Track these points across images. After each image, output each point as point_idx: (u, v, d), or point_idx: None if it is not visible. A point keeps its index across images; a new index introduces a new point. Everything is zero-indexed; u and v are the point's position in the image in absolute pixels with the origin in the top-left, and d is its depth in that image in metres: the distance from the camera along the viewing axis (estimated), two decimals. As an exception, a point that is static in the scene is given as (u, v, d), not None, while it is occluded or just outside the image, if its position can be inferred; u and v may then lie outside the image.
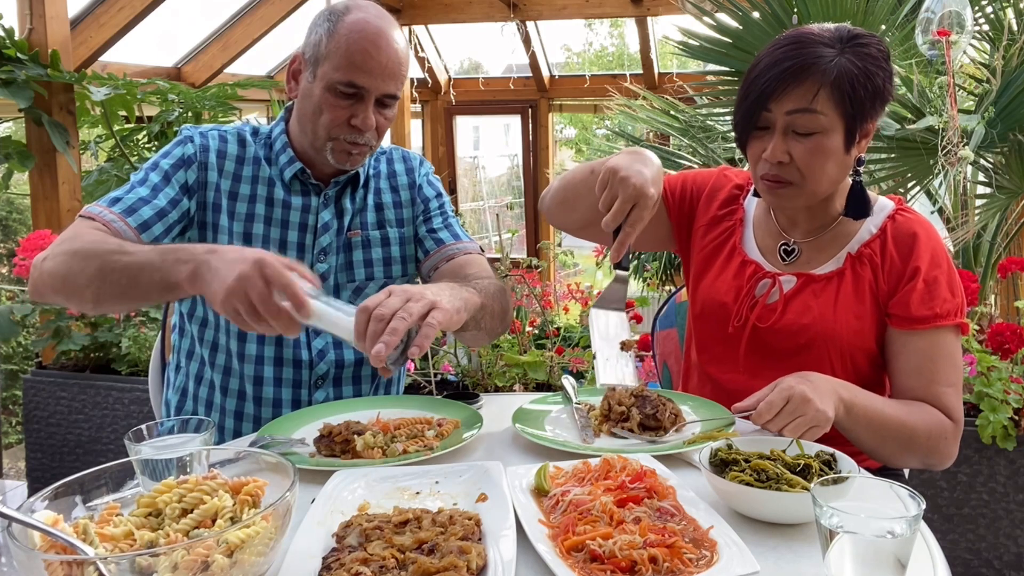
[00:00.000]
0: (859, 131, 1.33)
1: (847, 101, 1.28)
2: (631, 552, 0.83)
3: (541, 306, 3.20)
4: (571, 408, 1.38)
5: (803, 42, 1.31)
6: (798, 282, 1.42)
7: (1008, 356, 2.28)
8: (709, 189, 1.59)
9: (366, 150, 1.52)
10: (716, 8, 3.12)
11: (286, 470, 0.91)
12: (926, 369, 1.33)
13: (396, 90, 1.48)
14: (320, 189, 1.58)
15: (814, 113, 1.28)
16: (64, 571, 0.75)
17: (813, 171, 1.32)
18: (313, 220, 1.57)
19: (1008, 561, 2.27)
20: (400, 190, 1.68)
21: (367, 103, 1.46)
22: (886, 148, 2.78)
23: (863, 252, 1.39)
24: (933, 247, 1.37)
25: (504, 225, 7.95)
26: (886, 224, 1.40)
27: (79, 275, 1.28)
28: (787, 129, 1.31)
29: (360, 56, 1.43)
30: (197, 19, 5.31)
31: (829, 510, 0.78)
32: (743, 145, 1.40)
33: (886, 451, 1.31)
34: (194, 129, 1.58)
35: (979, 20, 2.91)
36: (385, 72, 1.45)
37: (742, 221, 1.53)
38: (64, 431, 3.18)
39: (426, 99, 6.97)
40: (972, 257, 2.96)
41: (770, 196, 1.39)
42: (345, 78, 1.43)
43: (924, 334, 1.33)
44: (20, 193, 5.15)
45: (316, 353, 1.56)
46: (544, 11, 5.97)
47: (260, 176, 1.56)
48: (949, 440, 1.31)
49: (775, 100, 1.30)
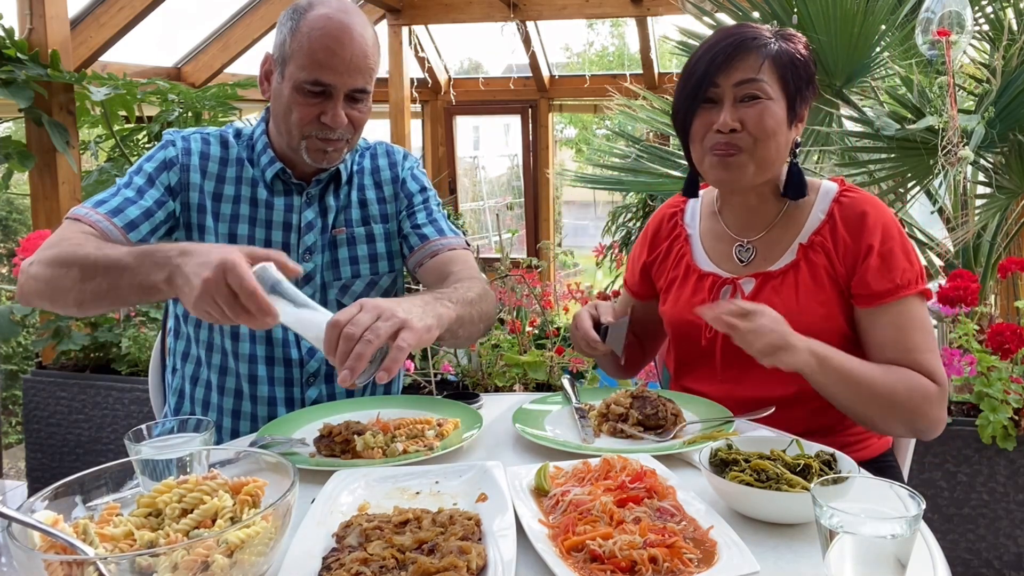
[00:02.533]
0: (798, 110, 1.39)
1: (788, 76, 1.36)
2: (631, 552, 0.83)
3: (541, 306, 3.20)
4: (571, 408, 1.38)
5: (741, 27, 1.40)
6: (757, 282, 1.44)
7: (1008, 356, 2.27)
8: (650, 238, 1.65)
9: (342, 146, 1.51)
10: (716, 8, 3.12)
11: (286, 470, 0.91)
12: (899, 339, 1.34)
13: (364, 84, 1.47)
14: (302, 188, 1.59)
15: (761, 83, 1.34)
16: (64, 571, 0.75)
17: (765, 135, 1.35)
18: (296, 219, 1.58)
19: (1008, 561, 2.27)
20: (383, 185, 1.67)
21: (336, 100, 1.45)
22: (886, 148, 2.78)
23: (814, 240, 1.41)
24: (883, 221, 1.38)
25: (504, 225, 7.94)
26: (832, 208, 1.41)
27: (61, 280, 1.29)
28: (735, 99, 1.36)
29: (323, 54, 1.42)
30: (197, 19, 5.31)
31: (829, 510, 0.78)
32: (687, 125, 1.42)
33: (868, 412, 1.31)
34: (176, 133, 1.59)
35: (979, 20, 2.90)
36: (350, 67, 1.43)
37: (687, 239, 1.57)
38: (64, 431, 3.18)
39: (426, 99, 6.97)
40: (972, 257, 2.96)
41: (720, 169, 1.39)
42: (310, 77, 1.43)
43: (890, 307, 1.34)
44: (20, 193, 5.16)
45: (306, 352, 1.57)
46: (544, 11, 5.97)
47: (244, 177, 1.57)
48: (934, 403, 1.31)
49: (723, 73, 1.35)
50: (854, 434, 1.45)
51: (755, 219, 1.48)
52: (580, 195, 12.53)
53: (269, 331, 1.55)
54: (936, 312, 2.40)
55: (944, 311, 2.34)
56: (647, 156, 3.30)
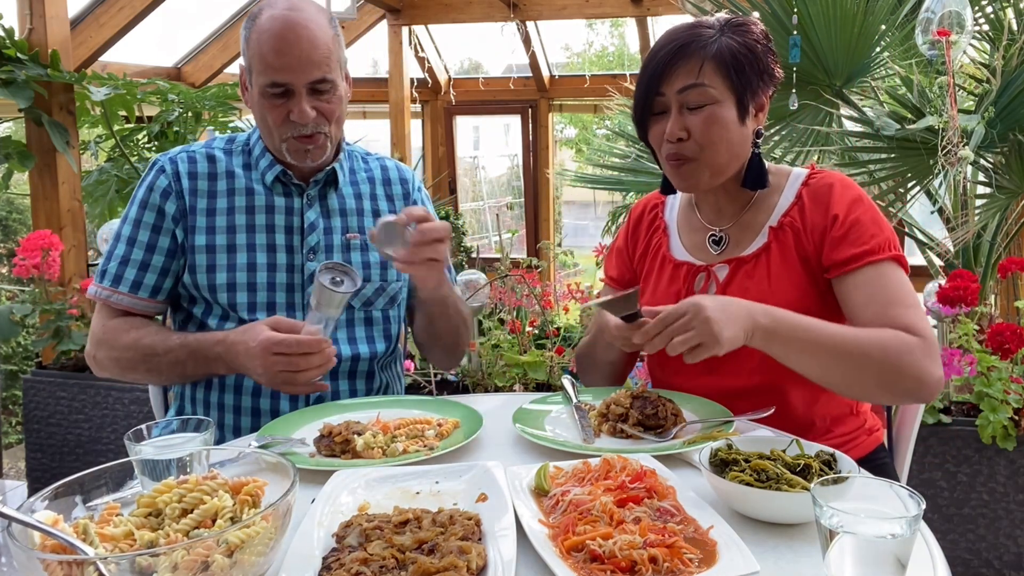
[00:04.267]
0: (751, 103, 1.38)
1: (732, 73, 1.34)
2: (631, 552, 0.83)
3: (541, 306, 3.20)
4: (571, 408, 1.38)
5: (678, 29, 1.39)
6: (730, 268, 1.44)
7: (1008, 356, 2.28)
8: (631, 229, 1.65)
9: (321, 140, 1.53)
10: (716, 8, 3.12)
11: (286, 470, 0.91)
12: (875, 298, 1.30)
13: (323, 75, 1.48)
14: (302, 189, 1.61)
15: (703, 87, 1.33)
16: (64, 571, 0.75)
17: (711, 142, 1.35)
18: (298, 221, 1.59)
19: (1008, 561, 2.27)
20: (395, 199, 1.72)
21: (298, 96, 1.47)
22: (886, 148, 2.78)
23: (783, 222, 1.41)
24: (850, 194, 1.38)
25: (504, 225, 7.95)
26: (801, 191, 1.43)
27: (130, 376, 1.56)
28: (681, 107, 1.36)
29: (273, 55, 1.45)
30: (197, 19, 5.31)
31: (829, 510, 0.78)
32: (644, 136, 1.45)
33: (838, 376, 1.26)
34: (163, 157, 1.61)
35: (979, 20, 2.90)
36: (302, 62, 1.45)
37: (665, 230, 1.58)
38: (64, 431, 3.18)
39: (426, 99, 6.97)
40: (972, 257, 2.96)
41: (676, 176, 1.42)
42: (268, 80, 1.46)
43: (863, 271, 1.32)
44: (20, 193, 5.16)
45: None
46: (544, 11, 5.97)
47: (236, 188, 1.59)
48: (917, 355, 1.23)
49: (665, 82, 1.35)
50: (840, 435, 1.43)
51: (726, 209, 1.49)
52: (580, 195, 12.54)
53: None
54: (936, 312, 2.40)
55: (944, 311, 2.34)
56: (647, 156, 3.30)
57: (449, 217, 6.04)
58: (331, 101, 1.52)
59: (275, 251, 1.57)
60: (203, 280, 1.55)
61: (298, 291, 1.58)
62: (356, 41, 6.63)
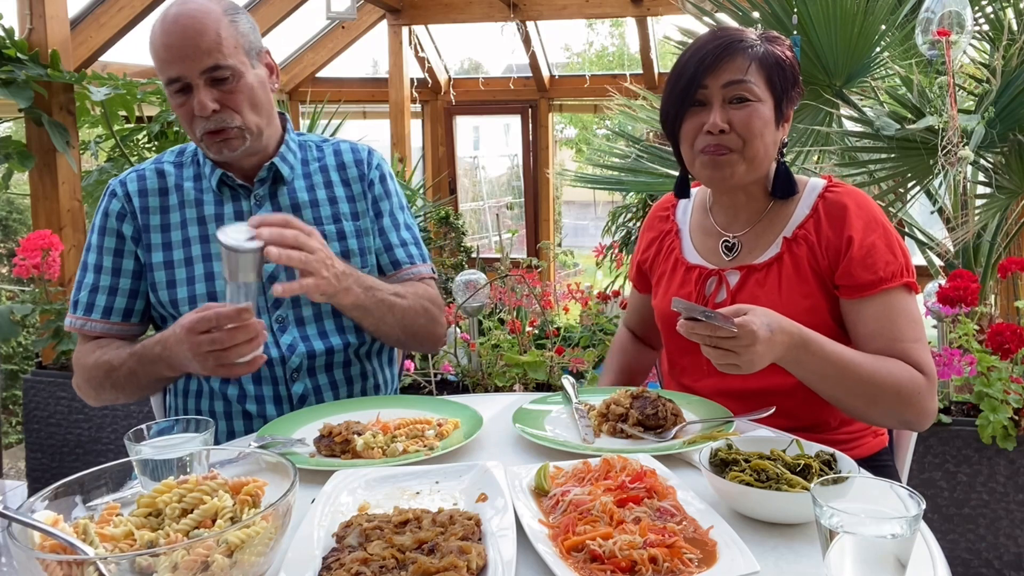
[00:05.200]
0: (784, 111, 1.42)
1: (775, 78, 1.39)
2: (631, 552, 0.83)
3: (541, 306, 3.20)
4: (571, 408, 1.38)
5: (727, 30, 1.43)
6: (741, 275, 1.45)
7: (1008, 356, 2.27)
8: (645, 234, 1.69)
9: (234, 132, 1.49)
10: (716, 8, 3.12)
11: (286, 470, 0.91)
12: (885, 330, 1.33)
13: (214, 62, 1.44)
14: (248, 191, 1.59)
15: (749, 84, 1.37)
16: (64, 571, 0.75)
17: (752, 136, 1.37)
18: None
19: (1008, 561, 2.27)
20: (351, 183, 1.68)
21: (196, 88, 1.45)
22: (886, 148, 2.78)
23: (798, 234, 1.42)
24: (865, 215, 1.39)
25: (504, 225, 7.95)
26: (817, 203, 1.43)
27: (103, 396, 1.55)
28: (724, 101, 1.38)
29: (163, 50, 1.44)
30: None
31: (829, 510, 0.78)
32: (676, 128, 1.44)
33: (849, 403, 1.30)
34: (114, 181, 1.61)
35: (979, 20, 2.90)
36: (188, 51, 1.42)
37: (677, 233, 1.60)
38: (64, 431, 3.18)
39: (426, 99, 6.97)
40: (972, 257, 2.96)
41: (711, 168, 1.41)
42: (164, 77, 1.46)
43: (875, 299, 1.35)
44: (20, 193, 5.16)
45: (286, 348, 1.55)
46: (544, 11, 5.97)
47: (186, 200, 1.59)
48: (923, 395, 1.29)
49: (711, 75, 1.37)
50: (847, 432, 1.45)
51: (742, 216, 1.50)
52: (580, 195, 12.54)
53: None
54: (936, 312, 2.40)
55: (944, 311, 2.34)
56: (647, 156, 3.30)
57: (449, 217, 6.04)
58: (234, 90, 1.47)
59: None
60: (165, 296, 1.55)
61: (261, 294, 1.54)
62: (356, 41, 6.63)
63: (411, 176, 5.78)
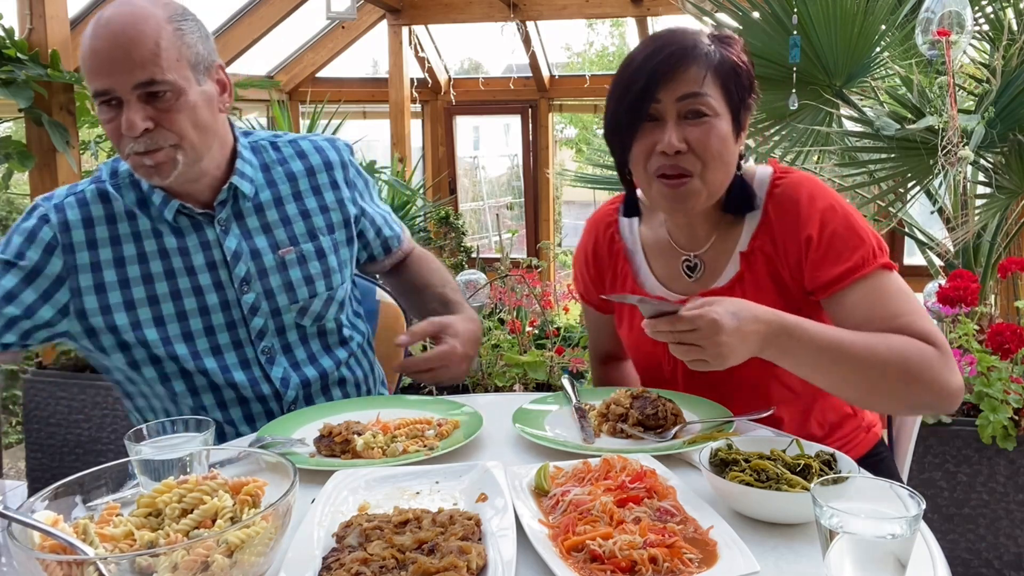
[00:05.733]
0: (742, 122, 1.30)
1: (731, 87, 1.26)
2: (631, 552, 0.83)
3: (541, 306, 3.20)
4: (571, 408, 1.38)
5: (678, 33, 1.28)
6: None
7: (1008, 356, 2.28)
8: (590, 256, 1.53)
9: (163, 155, 1.32)
10: (716, 8, 3.12)
11: (286, 470, 0.91)
12: (876, 312, 1.21)
13: (150, 76, 1.27)
14: (211, 217, 1.44)
15: (705, 98, 1.23)
16: (64, 571, 0.75)
17: (711, 157, 1.24)
18: (219, 254, 1.44)
19: (1008, 561, 2.27)
20: (323, 191, 1.55)
21: (125, 104, 1.28)
22: (886, 148, 2.78)
23: (753, 246, 1.32)
24: (820, 204, 1.27)
25: (504, 225, 7.95)
26: (767, 206, 1.32)
27: None
28: (679, 116, 1.24)
29: (92, 59, 1.28)
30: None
31: (829, 510, 0.78)
32: (625, 147, 1.30)
33: (852, 390, 1.21)
34: (47, 202, 1.41)
35: (979, 20, 2.91)
36: (118, 61, 1.26)
37: (627, 256, 1.47)
38: (64, 431, 3.18)
39: (426, 99, 6.97)
40: (972, 257, 2.96)
41: (670, 197, 1.28)
42: (92, 88, 1.29)
43: (854, 287, 1.24)
44: (20, 193, 5.15)
45: (279, 383, 1.49)
46: (544, 11, 5.97)
47: (141, 231, 1.41)
48: (936, 367, 1.15)
49: (664, 88, 1.23)
50: (839, 439, 1.42)
51: (700, 232, 1.39)
52: (580, 195, 12.52)
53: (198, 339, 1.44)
54: (936, 312, 2.40)
55: (944, 311, 2.34)
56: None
57: (449, 217, 6.05)
58: (172, 108, 1.30)
59: (202, 293, 1.43)
60: (132, 338, 1.39)
61: (240, 327, 1.46)
62: (356, 41, 6.63)
63: (411, 176, 5.78)
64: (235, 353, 1.46)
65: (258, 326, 1.47)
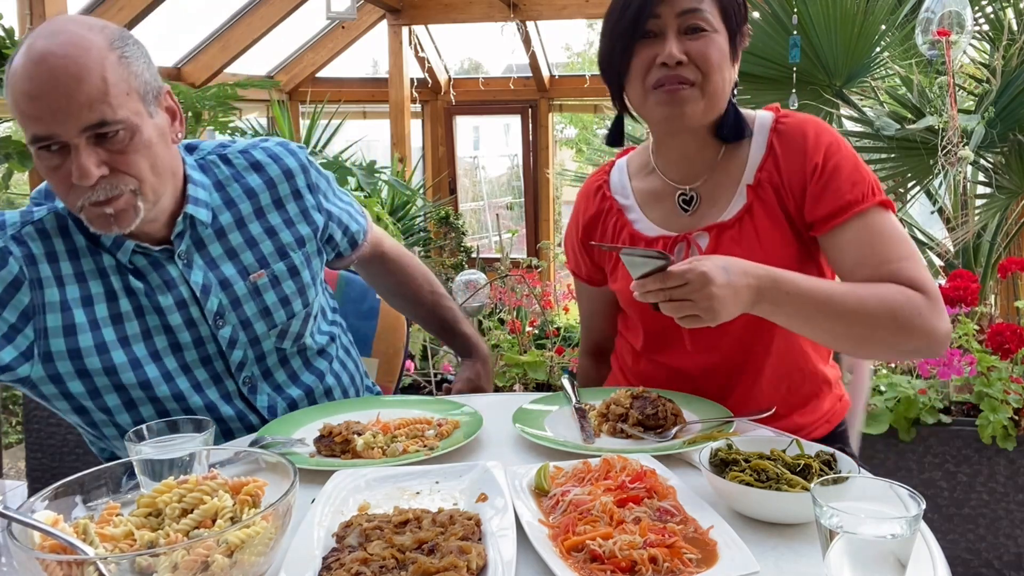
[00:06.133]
0: (737, 47, 1.33)
1: (729, 10, 1.29)
2: (631, 552, 0.83)
3: (541, 306, 3.20)
4: (571, 408, 1.38)
5: None
6: (711, 236, 1.34)
7: (1008, 356, 2.28)
8: (580, 219, 1.52)
9: (126, 199, 1.18)
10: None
11: (286, 470, 0.91)
12: (869, 255, 1.24)
13: (99, 117, 1.12)
14: (171, 252, 1.31)
15: (704, 14, 1.27)
16: (64, 571, 0.75)
17: (711, 68, 1.27)
18: (187, 291, 1.32)
19: (1008, 561, 2.27)
20: (285, 203, 1.44)
21: (75, 150, 1.12)
22: (886, 148, 2.78)
23: (760, 178, 1.33)
24: (826, 139, 1.30)
25: (504, 225, 7.95)
26: (771, 139, 1.34)
27: None
28: (679, 31, 1.27)
29: (27, 104, 1.11)
30: (197, 19, 5.31)
31: (829, 510, 0.78)
32: (624, 63, 1.31)
33: (845, 341, 1.24)
34: (1, 232, 1.25)
35: (979, 20, 2.91)
36: (61, 105, 1.10)
37: (620, 210, 1.46)
38: (64, 431, 3.18)
39: (426, 99, 6.97)
40: (972, 257, 2.96)
41: (668, 105, 1.28)
42: (29, 135, 1.12)
43: (850, 224, 1.26)
44: (20, 193, 5.16)
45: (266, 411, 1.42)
46: (544, 11, 5.97)
47: (105, 267, 1.28)
48: (925, 314, 1.18)
49: (664, 2, 1.26)
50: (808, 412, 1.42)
51: (695, 166, 1.38)
52: (580, 195, 12.49)
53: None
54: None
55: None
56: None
57: (449, 217, 6.05)
58: (128, 150, 1.16)
59: (173, 332, 1.32)
60: (106, 383, 1.28)
61: (216, 360, 1.36)
62: (356, 41, 6.63)
63: (411, 176, 5.78)
64: (215, 388, 1.38)
65: (238, 359, 1.39)
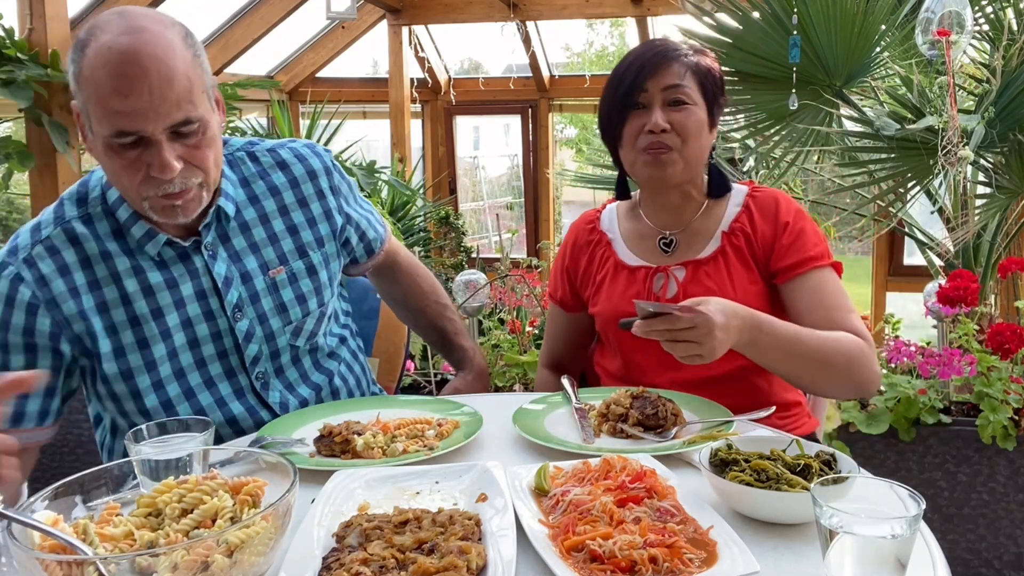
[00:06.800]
0: (715, 117, 1.54)
1: (707, 85, 1.51)
2: (631, 552, 0.83)
3: (541, 306, 3.20)
4: (571, 408, 1.38)
5: (663, 40, 1.56)
6: (688, 270, 1.54)
7: (1008, 356, 2.27)
8: (570, 249, 1.72)
9: (195, 194, 1.25)
10: (716, 8, 3.12)
11: (286, 470, 0.91)
12: (820, 303, 1.45)
13: (184, 115, 1.18)
14: (198, 244, 1.35)
15: (685, 88, 1.48)
16: (64, 571, 0.75)
17: (690, 135, 1.48)
18: (208, 281, 1.36)
19: (1008, 561, 2.27)
20: (309, 202, 1.48)
21: (157, 146, 1.17)
22: (886, 148, 2.78)
23: (734, 227, 1.54)
24: (794, 208, 1.54)
25: (504, 225, 7.95)
26: (747, 201, 1.56)
27: None
28: (663, 103, 1.48)
29: (115, 99, 1.14)
30: (197, 19, 5.31)
31: (829, 510, 0.78)
32: (618, 130, 1.53)
33: (807, 376, 1.39)
34: (12, 258, 1.27)
35: (979, 20, 2.91)
36: (155, 103, 1.15)
37: (609, 244, 1.65)
38: (64, 431, 3.18)
39: (426, 99, 6.97)
40: (972, 257, 2.96)
41: (653, 167, 1.49)
42: (112, 130, 1.16)
43: (807, 276, 1.47)
44: (20, 193, 5.16)
45: (278, 407, 1.43)
46: (544, 11, 5.97)
47: (120, 271, 1.30)
48: (868, 357, 1.39)
49: (651, 79, 1.48)
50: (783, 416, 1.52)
51: (677, 216, 1.59)
52: (580, 195, 12.51)
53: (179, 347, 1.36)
54: (936, 312, 2.40)
55: (944, 311, 2.34)
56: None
57: (449, 217, 6.04)
58: (201, 145, 1.22)
59: (191, 326, 1.35)
60: (123, 389, 1.32)
61: (232, 354, 1.39)
62: (356, 41, 6.63)
63: (411, 176, 5.78)
64: (228, 383, 1.40)
65: (252, 353, 1.41)
